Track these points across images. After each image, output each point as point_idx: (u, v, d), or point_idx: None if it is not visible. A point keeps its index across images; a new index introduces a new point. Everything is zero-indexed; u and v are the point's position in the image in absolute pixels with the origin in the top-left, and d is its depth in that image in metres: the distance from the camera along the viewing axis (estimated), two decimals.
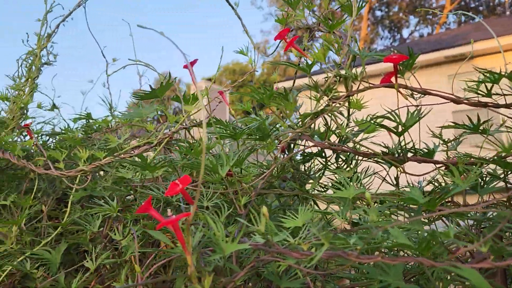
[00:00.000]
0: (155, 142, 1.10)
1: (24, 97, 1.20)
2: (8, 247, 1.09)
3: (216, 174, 0.85)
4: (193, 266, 0.57)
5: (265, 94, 0.93)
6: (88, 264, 0.91)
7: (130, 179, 1.04)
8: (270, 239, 0.64)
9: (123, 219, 1.04)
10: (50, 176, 1.28)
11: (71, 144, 1.27)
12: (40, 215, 1.22)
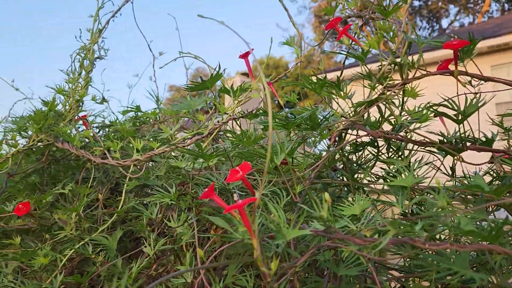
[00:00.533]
0: (206, 133, 1.12)
1: (80, 90, 1.25)
2: (68, 233, 1.15)
3: (271, 162, 0.86)
4: (259, 249, 0.58)
5: (318, 83, 0.93)
6: (146, 249, 0.94)
7: (183, 168, 1.06)
8: (332, 225, 0.64)
9: (177, 207, 1.07)
10: (104, 166, 1.33)
11: (123, 135, 1.32)
12: (95, 204, 1.27)
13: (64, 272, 1.08)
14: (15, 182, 1.48)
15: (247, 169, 0.71)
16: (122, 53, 7.74)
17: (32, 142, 1.21)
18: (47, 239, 1.23)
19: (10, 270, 1.30)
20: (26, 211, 1.13)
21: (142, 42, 2.03)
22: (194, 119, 1.45)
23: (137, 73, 2.12)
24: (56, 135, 1.20)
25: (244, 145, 0.99)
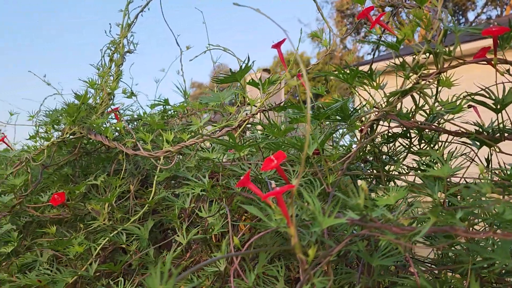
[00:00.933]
0: (235, 124, 1.13)
1: (111, 84, 1.28)
2: (101, 223, 1.17)
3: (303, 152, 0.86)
4: (297, 237, 0.58)
5: (350, 73, 0.92)
6: (179, 238, 0.95)
7: (214, 160, 1.07)
8: (369, 214, 0.64)
9: (207, 198, 1.08)
10: (135, 158, 1.36)
11: (152, 128, 1.34)
12: (126, 195, 1.30)
13: (98, 261, 1.10)
14: (48, 174, 1.52)
15: (281, 158, 0.71)
16: (150, 47, 7.75)
17: (66, 134, 1.24)
18: (81, 229, 1.26)
19: (45, 259, 1.34)
20: (61, 201, 1.16)
21: (168, 37, 2.06)
22: (222, 112, 1.46)
23: (163, 68, 2.15)
24: (89, 127, 1.23)
25: (275, 136, 1.00)
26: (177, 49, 1.99)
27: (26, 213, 1.46)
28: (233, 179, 0.97)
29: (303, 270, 0.60)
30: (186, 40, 1.85)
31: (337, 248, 0.66)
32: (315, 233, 0.72)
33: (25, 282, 1.23)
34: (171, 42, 1.92)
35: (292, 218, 0.59)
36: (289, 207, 0.59)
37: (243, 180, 0.68)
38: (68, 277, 1.10)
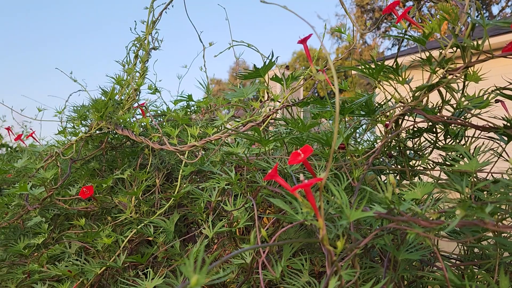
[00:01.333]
0: (260, 119, 1.14)
1: (137, 80, 1.30)
2: (128, 215, 1.20)
3: (329, 147, 0.86)
4: (325, 229, 0.59)
5: (376, 68, 0.92)
6: (205, 231, 0.97)
7: (239, 154, 1.09)
8: (396, 207, 0.64)
9: (232, 192, 1.09)
10: (160, 153, 1.38)
11: (177, 123, 1.36)
12: (152, 189, 1.33)
13: (126, 253, 1.13)
14: (75, 168, 1.56)
15: (308, 152, 0.72)
16: (172, 44, 7.86)
17: (94, 129, 1.27)
18: (107, 222, 1.29)
19: (73, 250, 1.39)
20: (89, 195, 1.20)
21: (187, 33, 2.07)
22: (245, 107, 1.47)
23: (185, 64, 2.18)
24: (116, 122, 1.26)
25: (299, 131, 1.00)
26: (196, 45, 2.01)
27: (55, 206, 1.50)
28: (259, 173, 0.98)
29: (331, 262, 0.61)
30: (207, 37, 1.86)
31: (365, 241, 0.67)
32: (341, 226, 0.73)
33: (55, 273, 1.27)
34: (191, 38, 1.94)
35: (321, 211, 0.60)
36: (317, 199, 0.60)
37: (271, 173, 0.69)
38: (97, 268, 1.13)
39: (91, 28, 56.24)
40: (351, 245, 0.67)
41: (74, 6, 55.14)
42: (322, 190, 0.59)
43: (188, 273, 0.48)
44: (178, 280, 1.03)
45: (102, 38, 55.80)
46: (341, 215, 0.66)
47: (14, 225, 1.68)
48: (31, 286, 1.40)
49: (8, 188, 1.95)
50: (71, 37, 56.57)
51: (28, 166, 1.45)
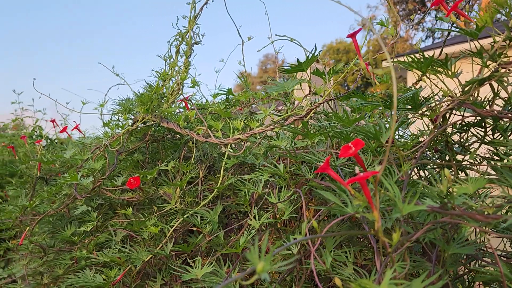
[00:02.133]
0: (303, 113, 1.15)
1: (181, 74, 1.33)
2: (173, 206, 1.24)
3: (376, 141, 0.87)
4: (380, 221, 0.60)
5: (424, 61, 0.91)
6: (251, 222, 1.00)
7: (283, 147, 1.10)
8: (451, 201, 0.64)
9: (275, 184, 1.11)
10: (203, 146, 1.42)
11: (219, 116, 1.39)
12: (195, 180, 1.36)
13: (172, 242, 1.17)
14: (120, 160, 1.62)
15: (360, 146, 0.73)
16: (209, 38, 7.83)
17: (140, 122, 1.31)
18: (152, 211, 1.34)
19: (118, 239, 1.44)
20: (136, 185, 1.24)
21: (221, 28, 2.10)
22: (285, 101, 1.49)
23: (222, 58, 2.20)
24: (161, 115, 1.29)
25: (344, 125, 1.01)
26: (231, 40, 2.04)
27: (99, 195, 1.57)
28: (304, 166, 0.99)
29: (382, 254, 0.61)
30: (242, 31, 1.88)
31: (417, 235, 0.67)
32: (391, 219, 0.73)
33: (103, 259, 1.33)
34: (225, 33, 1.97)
35: (376, 203, 0.61)
36: (373, 192, 0.61)
37: (323, 166, 0.71)
38: (144, 255, 1.18)
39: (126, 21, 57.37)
40: (403, 238, 0.67)
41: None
42: (378, 183, 0.60)
43: (254, 260, 0.50)
44: (222, 269, 1.06)
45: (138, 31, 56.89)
46: (394, 208, 0.67)
47: (61, 214, 1.76)
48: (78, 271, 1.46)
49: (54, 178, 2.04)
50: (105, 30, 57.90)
51: (75, 157, 1.51)
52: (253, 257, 0.51)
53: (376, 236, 0.63)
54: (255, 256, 0.51)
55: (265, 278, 0.47)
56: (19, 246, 1.80)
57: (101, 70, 1.92)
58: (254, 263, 0.50)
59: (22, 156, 3.04)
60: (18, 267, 2.08)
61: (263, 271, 0.49)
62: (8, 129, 5.19)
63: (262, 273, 0.48)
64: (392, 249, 0.61)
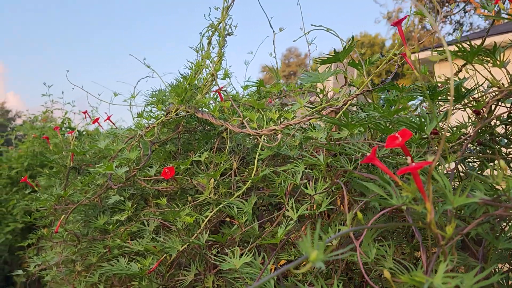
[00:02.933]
0: (340, 104, 1.14)
1: (215, 64, 1.33)
2: (207, 196, 1.24)
3: (420, 132, 0.85)
4: (433, 213, 0.58)
5: (471, 51, 0.88)
6: (289, 213, 0.99)
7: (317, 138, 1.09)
8: (507, 194, 0.62)
9: (312, 176, 1.10)
10: (236, 137, 1.41)
11: (253, 107, 1.38)
12: (228, 172, 1.36)
13: (208, 232, 1.17)
14: (152, 150, 1.64)
15: (407, 136, 0.71)
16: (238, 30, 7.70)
17: (175, 112, 1.32)
18: (186, 202, 1.35)
19: (151, 228, 1.46)
20: (171, 175, 1.25)
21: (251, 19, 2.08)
22: (318, 93, 1.47)
23: (251, 51, 2.20)
24: (195, 106, 1.30)
25: (384, 116, 0.99)
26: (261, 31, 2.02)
27: (131, 186, 1.59)
28: (343, 157, 0.98)
29: (439, 246, 0.60)
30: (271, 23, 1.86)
31: (468, 228, 0.65)
32: (437, 212, 0.71)
33: (137, 248, 1.35)
34: (254, 24, 1.95)
35: (429, 194, 0.59)
36: (427, 183, 0.59)
37: (370, 156, 0.69)
38: (179, 245, 1.19)
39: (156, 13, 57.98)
40: (455, 230, 0.66)
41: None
42: (431, 173, 0.58)
43: (307, 249, 0.49)
44: (257, 259, 1.05)
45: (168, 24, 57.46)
46: (445, 200, 0.65)
47: (93, 204, 1.79)
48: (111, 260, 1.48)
49: (86, 168, 2.07)
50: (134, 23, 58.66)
51: (109, 147, 1.53)
52: (305, 246, 0.50)
53: (427, 229, 0.61)
54: (308, 245, 0.50)
55: (320, 267, 0.46)
56: (53, 234, 1.84)
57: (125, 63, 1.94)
58: (307, 252, 0.49)
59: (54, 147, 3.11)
60: (51, 254, 2.13)
61: (317, 259, 0.48)
62: (37, 121, 5.32)
63: (316, 262, 0.48)
64: (444, 242, 0.60)
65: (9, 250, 4.77)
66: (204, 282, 1.21)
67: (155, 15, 58.72)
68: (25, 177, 1.85)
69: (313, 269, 1.12)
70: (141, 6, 58.66)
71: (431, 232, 0.59)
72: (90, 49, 61.64)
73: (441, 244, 0.59)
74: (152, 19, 59.56)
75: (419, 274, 0.56)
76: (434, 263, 0.62)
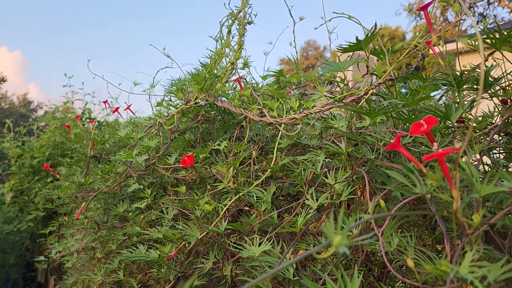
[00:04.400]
0: (362, 93, 1.12)
1: (235, 53, 1.33)
2: (226, 185, 1.24)
3: (446, 121, 0.83)
4: (459, 201, 0.57)
5: (500, 38, 0.86)
6: (309, 202, 0.98)
7: (338, 128, 1.07)
8: None
9: (332, 165, 1.09)
10: (255, 126, 1.41)
11: (272, 97, 1.37)
12: (247, 161, 1.36)
13: (227, 220, 1.18)
14: (171, 139, 1.64)
15: (432, 123, 0.69)
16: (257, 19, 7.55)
17: (194, 101, 1.32)
18: (205, 190, 1.35)
19: (170, 216, 1.47)
20: (190, 163, 1.25)
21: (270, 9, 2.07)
22: (338, 82, 1.45)
23: (271, 41, 2.18)
24: (215, 94, 1.30)
25: (408, 104, 0.97)
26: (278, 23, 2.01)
27: (152, 174, 1.60)
28: (364, 146, 0.96)
29: (466, 235, 0.58)
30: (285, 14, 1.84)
31: (496, 218, 0.64)
32: (463, 202, 0.70)
33: (156, 236, 1.36)
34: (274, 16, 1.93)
35: (456, 182, 0.57)
36: (454, 170, 0.57)
37: (394, 143, 0.68)
38: (198, 232, 1.19)
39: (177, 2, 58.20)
40: (481, 220, 0.64)
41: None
42: (458, 160, 0.57)
43: (331, 234, 0.48)
44: (275, 248, 1.05)
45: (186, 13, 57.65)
46: (471, 188, 0.63)
47: (113, 192, 1.81)
48: (130, 247, 1.50)
49: (106, 157, 2.10)
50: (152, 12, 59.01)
51: (129, 135, 1.55)
52: (329, 231, 0.49)
53: (452, 218, 0.60)
54: (331, 229, 0.49)
55: (344, 252, 0.46)
56: (74, 221, 1.87)
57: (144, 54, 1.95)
58: (331, 237, 0.48)
59: (75, 136, 3.16)
60: (71, 241, 2.16)
61: (340, 244, 0.47)
62: (58, 111, 5.41)
63: (340, 246, 0.47)
64: (471, 231, 0.58)
65: (31, 237, 4.90)
66: (222, 270, 1.21)
67: (175, 5, 58.96)
68: (47, 164, 1.88)
69: (333, 259, 1.11)
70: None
71: (457, 220, 0.57)
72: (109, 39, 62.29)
73: (467, 233, 0.57)
74: (172, 10, 59.86)
75: (444, 263, 0.55)
76: (459, 253, 0.61)
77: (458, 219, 0.57)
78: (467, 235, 0.58)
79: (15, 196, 4.74)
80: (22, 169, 4.63)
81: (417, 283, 0.64)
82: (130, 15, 62.35)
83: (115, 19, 62.99)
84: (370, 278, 1.15)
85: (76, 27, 64.14)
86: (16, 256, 5.28)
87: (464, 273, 0.51)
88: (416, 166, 0.75)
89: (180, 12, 59.89)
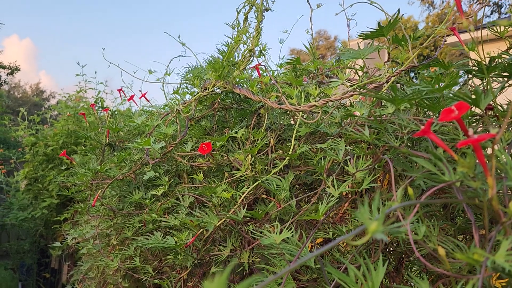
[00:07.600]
0: (384, 80, 1.10)
1: (253, 39, 1.31)
2: (244, 173, 1.23)
3: (471, 109, 0.81)
4: (495, 188, 0.55)
5: None
6: (330, 190, 0.97)
7: (359, 116, 1.06)
8: None
9: (352, 154, 1.07)
10: (272, 114, 1.39)
11: (290, 84, 1.35)
12: (264, 149, 1.35)
13: (245, 208, 1.17)
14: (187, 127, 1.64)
15: (464, 109, 0.67)
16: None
17: (212, 88, 1.31)
18: (221, 178, 1.34)
19: (186, 204, 1.46)
20: (208, 151, 1.24)
21: None
22: (356, 70, 1.43)
23: (286, 29, 2.15)
24: (233, 82, 1.28)
25: (435, 91, 0.95)
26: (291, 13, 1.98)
27: (168, 162, 1.60)
28: (388, 134, 0.95)
29: (501, 223, 0.57)
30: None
31: None
32: (486, 192, 0.68)
33: (172, 223, 1.36)
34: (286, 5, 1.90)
35: (492, 169, 0.56)
36: (490, 157, 0.56)
37: (424, 129, 0.66)
38: (216, 220, 1.19)
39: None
40: None
41: None
42: (494, 146, 0.55)
43: (366, 220, 0.47)
44: (294, 236, 1.04)
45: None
46: (507, 176, 0.61)
47: (128, 179, 1.82)
48: (146, 234, 1.50)
49: (121, 145, 2.11)
50: None
51: (145, 123, 1.54)
52: (364, 217, 0.48)
53: (483, 207, 0.58)
54: (366, 215, 0.48)
55: (382, 238, 0.45)
56: (90, 208, 1.88)
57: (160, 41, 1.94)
58: (366, 223, 0.47)
59: (89, 124, 3.17)
60: (86, 228, 2.18)
61: (376, 231, 0.46)
62: (70, 100, 5.44)
63: (376, 233, 0.46)
64: (506, 219, 0.56)
65: (45, 224, 4.96)
66: (240, 258, 1.21)
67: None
68: (64, 151, 1.89)
69: (352, 248, 1.10)
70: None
71: (492, 208, 0.56)
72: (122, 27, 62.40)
73: (502, 221, 0.56)
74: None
75: (478, 251, 0.53)
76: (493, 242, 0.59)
77: (494, 207, 0.56)
78: (502, 223, 0.56)
79: (29, 184, 4.80)
80: (36, 157, 4.67)
81: (448, 272, 0.63)
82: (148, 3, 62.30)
83: (127, 7, 63.02)
84: (389, 267, 1.14)
85: (86, 11, 64.28)
86: (30, 243, 5.37)
87: (501, 261, 0.50)
88: (444, 154, 0.73)
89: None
